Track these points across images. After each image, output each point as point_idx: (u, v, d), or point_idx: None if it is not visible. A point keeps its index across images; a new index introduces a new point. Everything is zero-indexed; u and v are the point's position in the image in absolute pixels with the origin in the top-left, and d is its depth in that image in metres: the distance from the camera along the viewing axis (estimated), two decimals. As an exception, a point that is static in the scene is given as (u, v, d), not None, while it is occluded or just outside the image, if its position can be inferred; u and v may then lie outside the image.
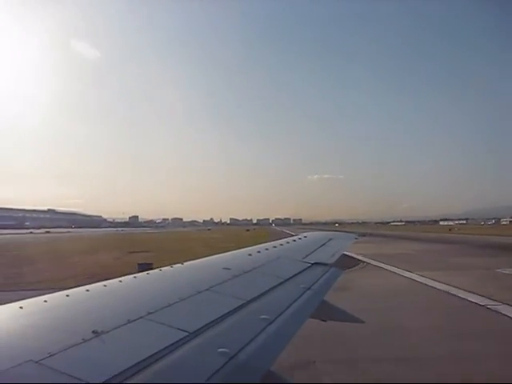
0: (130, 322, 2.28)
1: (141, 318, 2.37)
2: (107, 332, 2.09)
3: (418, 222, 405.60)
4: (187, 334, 2.21)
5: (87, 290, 3.00)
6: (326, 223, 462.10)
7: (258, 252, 5.36)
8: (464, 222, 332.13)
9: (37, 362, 1.66)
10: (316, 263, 4.92)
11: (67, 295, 2.84)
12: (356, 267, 26.62)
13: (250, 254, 5.16)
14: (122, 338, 2.10)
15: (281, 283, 3.75)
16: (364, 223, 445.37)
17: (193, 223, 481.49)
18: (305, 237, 7.80)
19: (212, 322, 2.46)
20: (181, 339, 2.13)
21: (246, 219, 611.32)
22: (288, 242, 6.89)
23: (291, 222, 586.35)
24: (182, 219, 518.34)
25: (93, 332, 2.05)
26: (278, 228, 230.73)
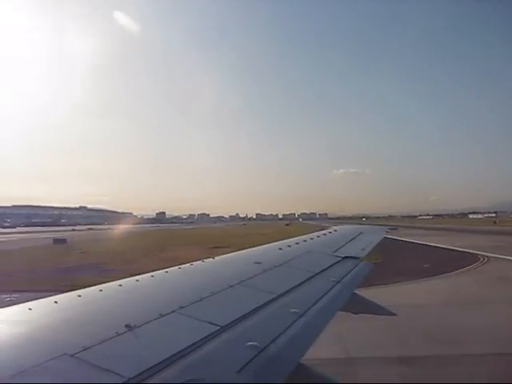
0: (162, 316, 2.30)
1: (173, 312, 2.39)
2: (140, 326, 2.11)
3: (446, 215, 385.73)
4: (218, 327, 2.21)
5: (120, 285, 3.05)
6: (351, 217, 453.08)
7: (289, 246, 5.33)
8: (493, 214, 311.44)
9: (72, 356, 1.69)
10: (346, 257, 4.85)
11: (100, 290, 2.89)
12: (478, 263, 25.93)
13: (280, 249, 5.15)
14: (154, 331, 2.12)
15: (311, 277, 3.72)
16: (390, 217, 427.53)
17: (220, 219, 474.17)
18: (335, 230, 7.72)
19: (243, 315, 2.46)
20: (212, 333, 2.13)
21: (271, 214, 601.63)
22: (318, 236, 6.83)
23: (317, 216, 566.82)
24: (208, 215, 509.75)
25: (125, 326, 2.08)
26: (311, 222, 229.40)
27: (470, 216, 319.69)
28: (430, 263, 27.43)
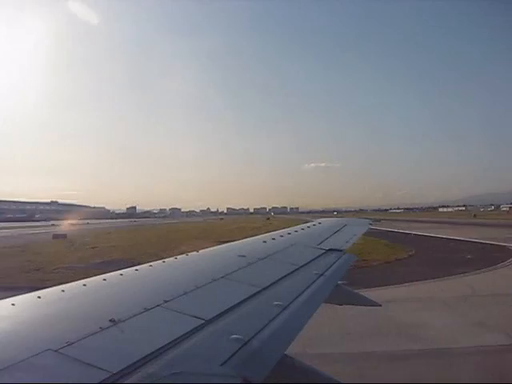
0: (146, 310, 2.30)
1: (157, 306, 2.40)
2: (124, 321, 2.11)
3: (417, 209, 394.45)
4: (203, 321, 2.23)
5: (104, 279, 3.04)
6: (323, 211, 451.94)
7: (273, 239, 5.36)
8: (463, 208, 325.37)
9: (56, 351, 1.69)
10: (330, 249, 4.91)
11: (84, 284, 2.88)
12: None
13: (264, 241, 5.17)
14: (138, 326, 2.12)
15: (295, 270, 3.75)
16: (361, 211, 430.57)
17: (192, 213, 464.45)
18: (319, 223, 7.78)
19: (227, 309, 2.48)
20: (196, 327, 2.15)
21: (242, 208, 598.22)
22: (303, 229, 6.88)
23: (288, 210, 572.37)
24: (180, 209, 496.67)
25: (110, 320, 2.08)
26: (287, 216, 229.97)
27: (440, 209, 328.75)
28: (470, 254, 27.37)
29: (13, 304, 2.35)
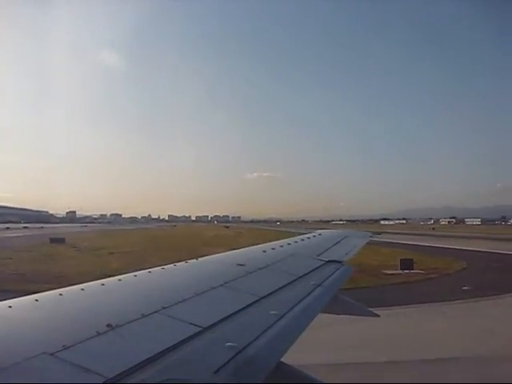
0: (144, 316, 2.30)
1: (155, 312, 2.40)
2: (121, 326, 2.11)
3: (359, 221, 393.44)
4: (200, 329, 2.23)
5: (102, 284, 3.04)
6: (266, 221, 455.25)
7: (273, 249, 5.36)
8: (404, 221, 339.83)
9: (51, 354, 1.68)
10: (330, 261, 4.90)
11: (82, 289, 2.88)
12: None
13: (264, 251, 5.17)
14: (135, 331, 2.12)
15: (294, 280, 3.75)
16: (304, 221, 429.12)
17: (134, 219, 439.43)
18: (319, 234, 7.78)
19: (225, 317, 2.48)
20: (193, 334, 2.15)
21: (184, 216, 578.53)
22: (303, 240, 6.87)
23: (230, 219, 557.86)
24: (121, 215, 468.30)
25: (107, 326, 2.08)
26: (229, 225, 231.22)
27: (382, 222, 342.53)
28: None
29: (10, 306, 2.35)
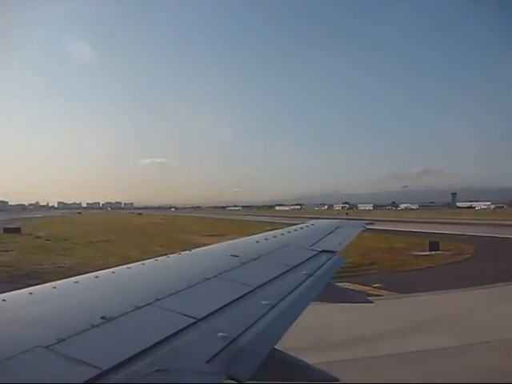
0: (137, 308, 2.32)
1: (149, 304, 2.41)
2: (115, 318, 2.13)
3: (255, 206, 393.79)
4: (193, 320, 2.25)
5: (96, 277, 3.05)
6: (160, 207, 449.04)
7: (266, 239, 5.38)
8: (298, 207, 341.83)
9: (46, 347, 1.69)
10: (323, 251, 4.93)
11: (76, 282, 2.88)
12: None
13: (257, 241, 5.18)
14: (129, 324, 2.14)
15: (288, 270, 3.78)
16: (198, 208, 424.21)
17: (23, 207, 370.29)
18: (312, 224, 7.81)
19: (218, 308, 2.50)
20: (187, 325, 2.17)
21: (75, 203, 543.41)
22: (296, 230, 6.89)
23: (122, 205, 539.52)
24: (7, 202, 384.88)
25: (101, 318, 2.09)
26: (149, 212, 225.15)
27: (277, 208, 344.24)
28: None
29: (4, 300, 2.35)
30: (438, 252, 34.31)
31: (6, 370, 1.49)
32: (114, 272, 3.27)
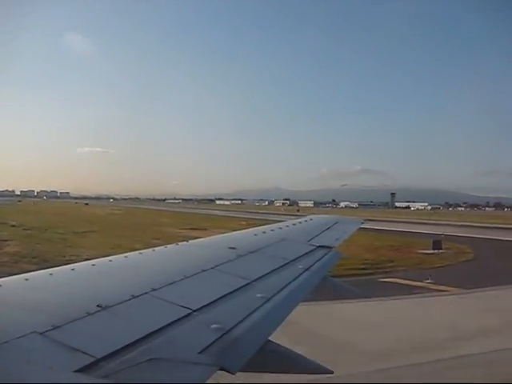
0: (134, 297, 2.32)
1: (145, 293, 2.41)
2: (111, 306, 2.13)
3: (195, 200, 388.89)
4: (188, 311, 2.26)
5: (93, 265, 3.04)
6: (97, 198, 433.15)
7: (264, 233, 5.38)
8: (239, 201, 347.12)
9: (41, 334, 1.69)
10: (320, 246, 4.94)
11: (72, 269, 2.88)
12: None
13: (255, 235, 5.19)
14: (125, 312, 2.14)
15: (284, 264, 3.78)
16: (137, 199, 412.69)
17: None
18: (311, 219, 7.82)
19: (213, 300, 2.50)
20: (181, 316, 2.17)
21: (7, 190, 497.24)
22: (294, 224, 6.90)
23: (58, 194, 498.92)
24: None
25: (97, 306, 2.09)
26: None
27: (218, 202, 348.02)
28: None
29: None
30: (441, 251, 34.26)
31: (1, 354, 1.49)
32: (111, 260, 3.27)
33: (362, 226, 8.39)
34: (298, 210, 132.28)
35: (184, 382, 1.63)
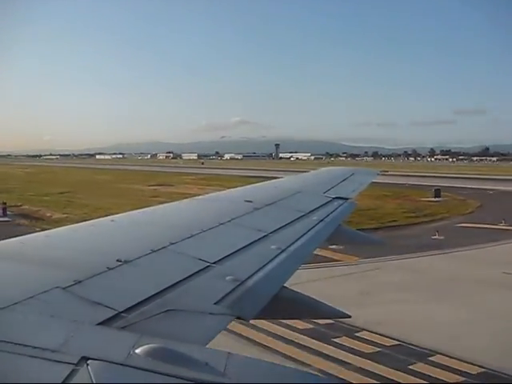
0: (152, 251, 2.36)
1: (163, 248, 2.45)
2: (131, 261, 2.16)
3: (74, 155, 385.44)
4: (206, 263, 2.29)
5: (112, 221, 3.09)
6: None
7: (280, 186, 5.37)
8: (120, 156, 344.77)
9: (64, 289, 1.74)
10: (336, 197, 4.92)
11: (92, 225, 2.93)
12: None
13: (271, 188, 5.19)
14: (144, 266, 2.18)
15: (301, 216, 3.79)
16: (9, 156, 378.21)
17: None
18: (327, 171, 7.76)
19: (230, 253, 2.54)
20: (199, 269, 2.22)
21: None
22: (310, 176, 6.87)
23: None
24: None
25: (117, 261, 2.13)
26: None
27: (98, 157, 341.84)
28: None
29: (22, 243, 2.41)
30: (442, 198, 36.18)
31: (25, 308, 1.54)
32: (129, 216, 3.31)
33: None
34: (202, 163, 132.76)
35: (200, 332, 1.67)
